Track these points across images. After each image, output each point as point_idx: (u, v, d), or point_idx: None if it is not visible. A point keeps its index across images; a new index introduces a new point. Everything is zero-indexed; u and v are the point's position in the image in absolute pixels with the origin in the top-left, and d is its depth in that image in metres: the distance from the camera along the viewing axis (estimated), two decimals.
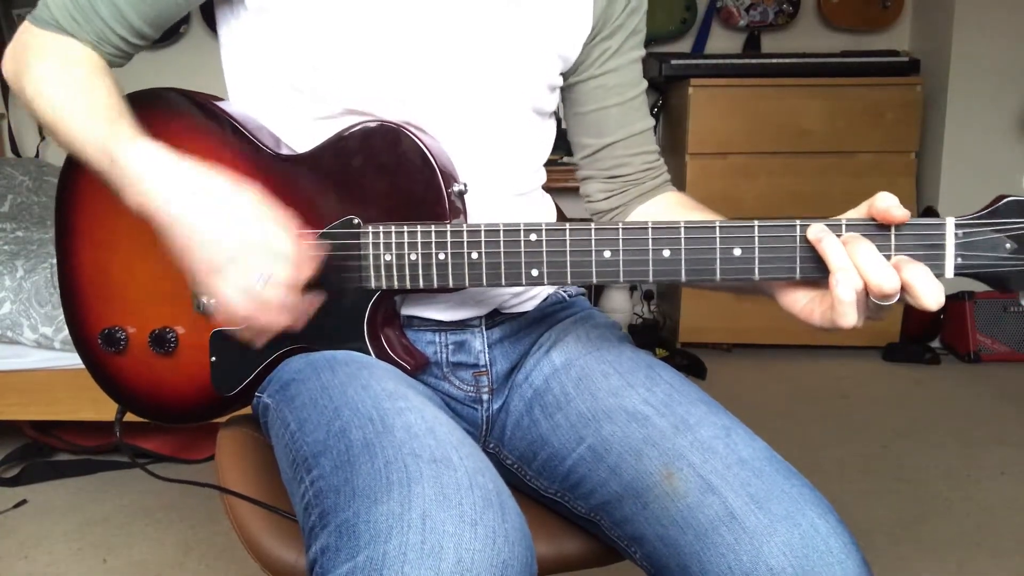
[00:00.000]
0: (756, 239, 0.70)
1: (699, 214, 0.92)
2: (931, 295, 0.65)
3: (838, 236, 0.68)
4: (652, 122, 0.99)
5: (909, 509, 1.91)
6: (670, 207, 0.96)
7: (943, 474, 2.09)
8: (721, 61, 2.98)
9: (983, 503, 1.94)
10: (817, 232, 0.68)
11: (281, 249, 0.74)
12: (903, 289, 0.66)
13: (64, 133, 0.80)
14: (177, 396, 0.91)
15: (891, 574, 1.66)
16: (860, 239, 0.67)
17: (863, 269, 0.66)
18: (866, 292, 0.66)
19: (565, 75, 0.95)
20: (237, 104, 0.89)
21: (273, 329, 0.78)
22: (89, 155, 0.78)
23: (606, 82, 0.95)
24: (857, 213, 0.70)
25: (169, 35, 3.08)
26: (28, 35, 0.84)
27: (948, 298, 2.98)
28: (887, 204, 0.67)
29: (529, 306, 0.95)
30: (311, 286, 0.78)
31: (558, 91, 0.95)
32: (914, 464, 2.15)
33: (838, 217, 0.70)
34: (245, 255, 0.73)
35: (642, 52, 0.98)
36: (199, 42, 3.10)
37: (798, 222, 0.70)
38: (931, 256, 0.68)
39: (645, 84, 0.98)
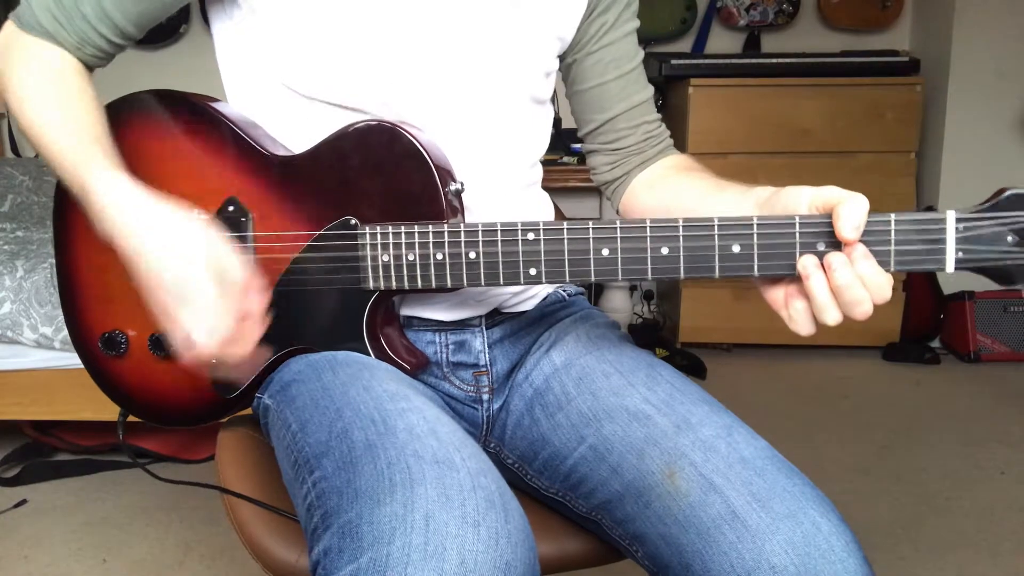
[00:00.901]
0: (755, 236, 0.70)
1: (693, 176, 0.92)
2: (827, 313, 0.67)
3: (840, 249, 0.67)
4: (651, 90, 0.99)
5: (909, 509, 1.91)
6: (667, 172, 0.96)
7: (943, 474, 2.09)
8: (721, 61, 2.98)
9: (983, 503, 1.94)
10: (806, 268, 0.68)
11: (224, 306, 0.73)
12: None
13: (44, 151, 0.80)
14: (178, 398, 0.91)
15: (891, 574, 1.66)
16: (865, 258, 0.66)
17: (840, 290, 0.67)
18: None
19: (563, 55, 0.96)
20: (233, 105, 0.89)
21: (231, 361, 0.77)
22: (64, 180, 0.79)
23: (603, 57, 0.95)
24: (813, 201, 0.70)
25: (169, 35, 3.08)
26: (11, 38, 0.83)
27: (948, 298, 2.98)
28: (855, 223, 0.66)
29: (529, 305, 0.95)
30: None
31: (553, 76, 0.95)
32: (914, 464, 2.14)
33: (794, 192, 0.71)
34: (194, 302, 0.72)
35: (636, 23, 0.97)
36: (199, 42, 3.10)
37: (797, 218, 0.69)
38: (932, 251, 0.67)
39: (642, 54, 0.98)
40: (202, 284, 0.72)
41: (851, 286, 0.66)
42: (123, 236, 0.75)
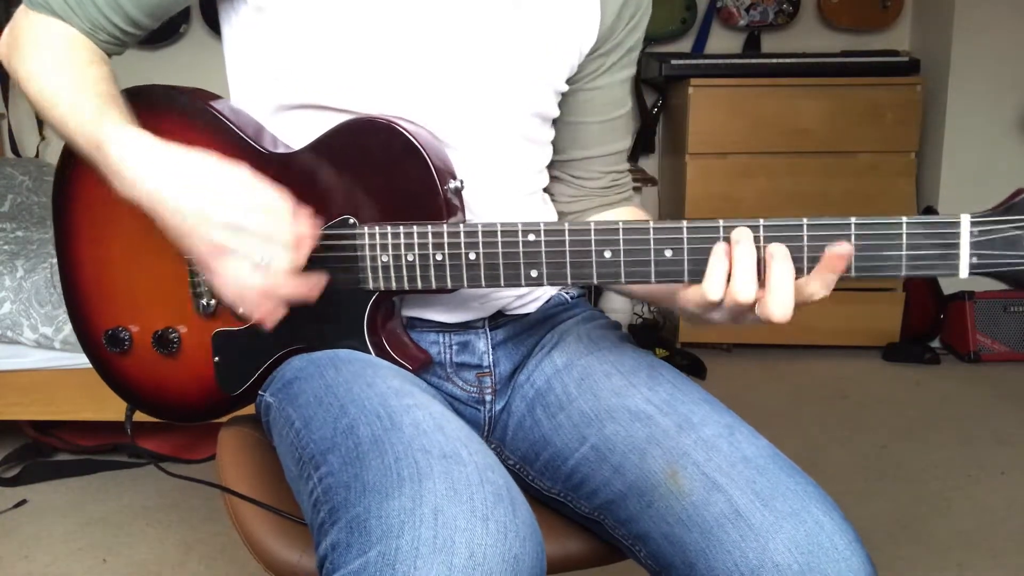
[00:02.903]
0: (762, 239, 0.69)
1: None
2: (779, 307, 0.66)
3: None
4: (629, 143, 1.00)
5: (909, 509, 1.91)
6: (622, 218, 0.96)
7: (943, 474, 2.09)
8: (721, 61, 2.98)
9: (983, 503, 1.94)
10: (736, 235, 0.68)
11: (279, 228, 0.71)
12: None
13: (56, 118, 0.78)
14: (182, 395, 0.91)
15: (891, 574, 1.66)
16: (783, 261, 0.67)
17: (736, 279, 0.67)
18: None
19: None
20: (235, 103, 0.89)
21: (280, 312, 0.75)
22: (78, 142, 0.77)
23: (595, 98, 0.95)
24: None
25: (169, 34, 3.07)
26: (23, 18, 0.83)
27: (948, 298, 2.98)
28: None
29: (532, 307, 0.95)
30: (313, 263, 0.75)
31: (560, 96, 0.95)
32: (914, 464, 2.14)
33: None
34: (242, 236, 0.70)
35: (633, 70, 0.98)
36: (200, 41, 3.10)
37: (805, 220, 0.68)
38: (944, 256, 0.65)
39: (630, 105, 0.99)
40: (245, 213, 0.70)
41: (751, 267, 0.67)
42: (151, 185, 0.72)
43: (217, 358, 0.87)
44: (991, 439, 2.29)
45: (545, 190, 0.99)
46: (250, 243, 0.70)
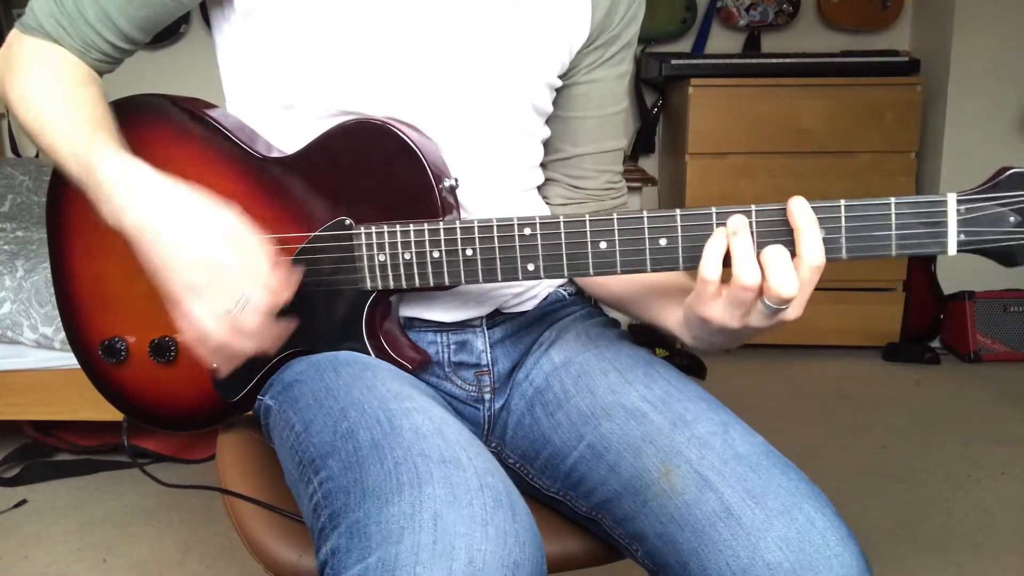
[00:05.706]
0: (753, 224, 0.69)
1: None
2: (784, 283, 0.66)
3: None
4: (624, 143, 1.00)
5: (909, 509, 1.91)
6: None
7: (943, 474, 2.09)
8: (721, 61, 2.98)
9: (983, 503, 1.94)
10: (734, 226, 0.68)
11: (260, 273, 0.73)
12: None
13: (46, 142, 0.79)
14: (181, 404, 0.91)
15: (891, 574, 1.66)
16: (774, 245, 0.68)
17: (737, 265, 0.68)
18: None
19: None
20: (229, 108, 0.89)
21: (244, 355, 0.77)
22: (69, 166, 0.78)
23: (591, 91, 0.95)
24: None
25: (169, 35, 3.08)
26: (16, 42, 0.83)
27: (948, 298, 2.98)
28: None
29: (530, 305, 0.95)
30: (285, 311, 0.77)
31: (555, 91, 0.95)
32: (914, 464, 2.14)
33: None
34: (222, 277, 0.72)
35: (630, 67, 0.98)
36: (199, 42, 3.10)
37: (791, 202, 0.69)
38: (933, 234, 0.67)
39: (626, 103, 0.99)
40: (227, 255, 0.72)
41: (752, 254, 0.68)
42: (136, 216, 0.73)
43: (215, 364, 0.87)
44: (991, 439, 2.29)
45: (541, 193, 0.99)
46: (231, 282, 0.72)
